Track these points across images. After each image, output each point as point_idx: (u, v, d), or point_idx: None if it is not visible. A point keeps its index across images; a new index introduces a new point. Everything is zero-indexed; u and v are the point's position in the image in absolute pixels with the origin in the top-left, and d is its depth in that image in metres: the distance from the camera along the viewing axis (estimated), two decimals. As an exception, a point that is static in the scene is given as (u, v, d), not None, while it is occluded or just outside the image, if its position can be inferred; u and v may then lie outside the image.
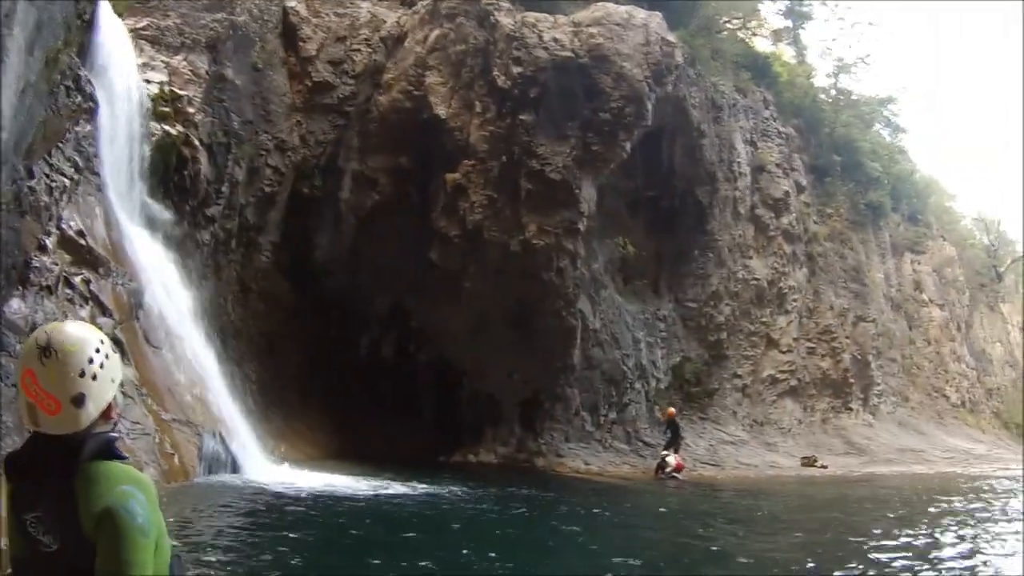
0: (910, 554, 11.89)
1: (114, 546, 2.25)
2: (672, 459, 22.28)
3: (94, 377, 2.36)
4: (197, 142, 17.41)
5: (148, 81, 16.73)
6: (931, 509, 18.09)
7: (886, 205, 42.11)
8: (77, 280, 12.44)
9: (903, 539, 13.46)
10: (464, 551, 10.39)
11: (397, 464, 17.43)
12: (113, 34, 15.66)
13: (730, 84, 31.82)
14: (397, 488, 15.08)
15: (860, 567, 11.08)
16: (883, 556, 11.71)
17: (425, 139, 21.52)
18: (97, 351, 2.40)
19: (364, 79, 21.85)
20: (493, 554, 10.36)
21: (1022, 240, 65.35)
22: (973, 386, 50.76)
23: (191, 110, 17.37)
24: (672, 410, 24.27)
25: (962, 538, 13.96)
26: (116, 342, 10.36)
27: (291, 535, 10.07)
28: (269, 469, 15.20)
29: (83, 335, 2.42)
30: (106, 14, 15.32)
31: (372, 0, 23.25)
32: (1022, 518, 16.00)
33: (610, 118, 21.79)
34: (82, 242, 12.98)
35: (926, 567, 11.03)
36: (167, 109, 16.86)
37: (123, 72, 15.68)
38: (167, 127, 16.72)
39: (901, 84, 56.49)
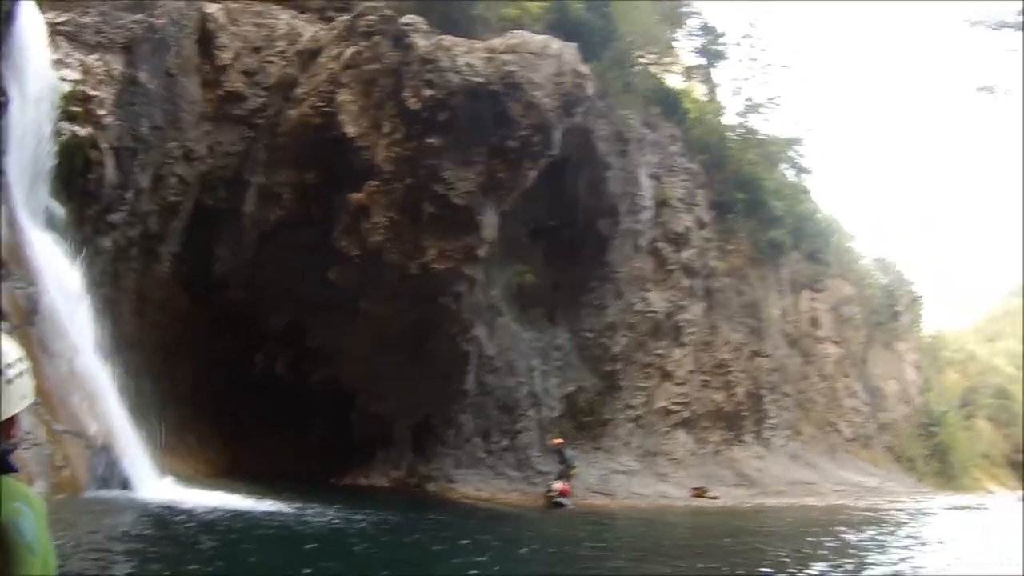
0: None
1: (1, 563, 2.25)
2: (557, 484, 23.02)
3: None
4: (105, 145, 17.32)
5: (62, 79, 16.63)
6: (823, 540, 18.90)
7: (787, 243, 44.25)
8: (-29, 281, 12.13)
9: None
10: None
11: (287, 484, 17.50)
12: (32, 27, 15.68)
13: (639, 118, 33.03)
14: (284, 510, 15.20)
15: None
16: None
17: (332, 157, 21.77)
18: (9, 365, 2.49)
19: (276, 92, 22.12)
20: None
21: (918, 282, 69.10)
22: (867, 421, 53.48)
23: (102, 112, 17.26)
24: (557, 440, 24.91)
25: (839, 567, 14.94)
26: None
27: (169, 555, 10.18)
28: (159, 486, 15.27)
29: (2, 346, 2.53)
30: (28, 7, 15.40)
31: (291, 12, 23.51)
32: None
33: (517, 146, 22.25)
34: (-21, 242, 12.72)
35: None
36: (78, 109, 16.76)
37: (38, 67, 15.72)
38: (76, 128, 16.63)
39: (808, 125, 59.07)
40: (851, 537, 19.63)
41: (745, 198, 40.86)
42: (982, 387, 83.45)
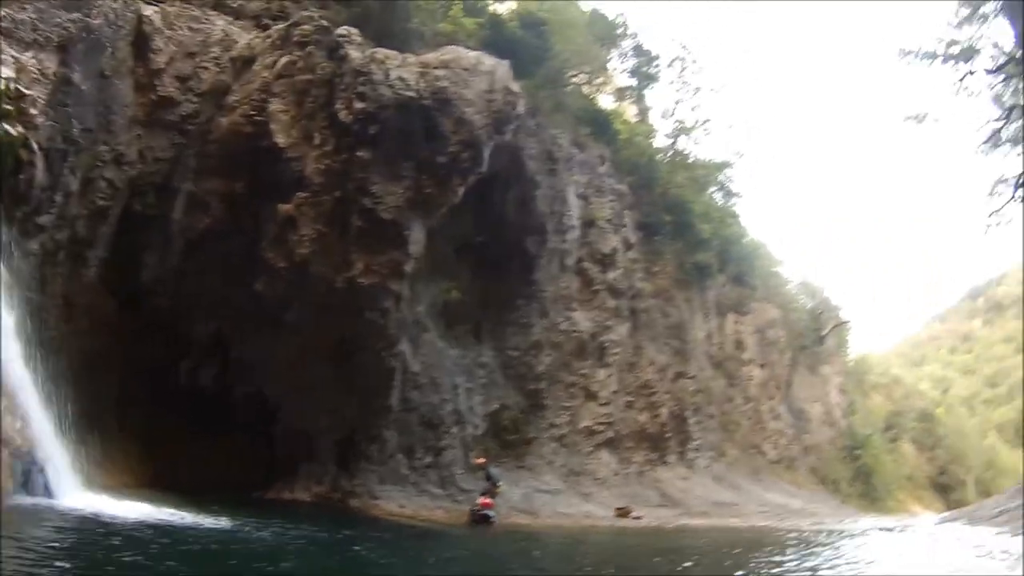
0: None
1: None
2: (480, 499, 23.09)
3: None
4: (36, 146, 16.97)
5: (-4, 76, 16.28)
6: (747, 560, 18.91)
7: (713, 266, 45.41)
8: None
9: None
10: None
11: (210, 497, 17.29)
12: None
13: (569, 137, 33.68)
14: (207, 523, 15.05)
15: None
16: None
17: (262, 166, 21.76)
18: None
19: (208, 98, 21.96)
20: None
21: (843, 306, 71.21)
22: (791, 443, 54.93)
23: (34, 111, 16.88)
24: (480, 459, 25.09)
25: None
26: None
27: (88, 566, 9.95)
28: (81, 495, 15.09)
29: None
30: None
31: (228, 18, 23.39)
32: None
33: (446, 162, 22.51)
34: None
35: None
36: (10, 107, 16.39)
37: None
38: (7, 126, 16.24)
39: (738, 150, 60.67)
40: (776, 557, 20.13)
41: (672, 220, 41.82)
42: (907, 410, 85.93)
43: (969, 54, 35.11)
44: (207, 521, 15.24)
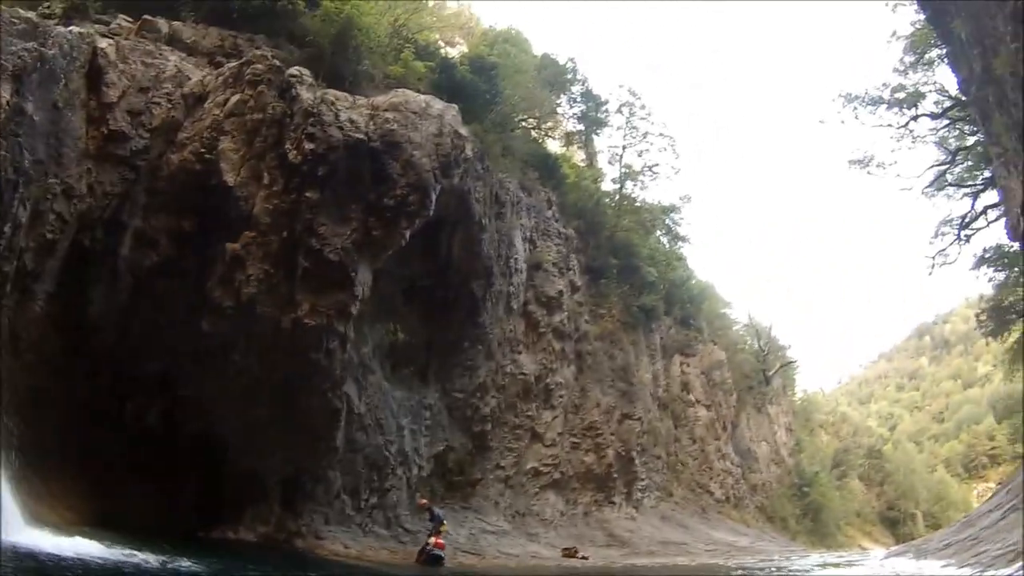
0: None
1: None
2: (432, 539, 23.13)
3: None
4: None
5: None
6: None
7: (659, 308, 46.49)
8: None
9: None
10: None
11: (156, 536, 17.19)
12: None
13: (516, 181, 34.40)
14: (149, 562, 15.11)
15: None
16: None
17: (211, 204, 21.62)
18: None
19: (159, 134, 21.92)
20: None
21: (790, 346, 72.88)
22: (738, 482, 56.03)
23: None
24: (423, 500, 25.29)
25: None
26: None
27: None
28: (25, 532, 14.97)
29: None
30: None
31: (181, 54, 23.56)
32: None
33: (394, 204, 22.68)
34: None
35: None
36: None
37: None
38: None
39: (685, 194, 62.21)
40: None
41: (619, 263, 42.94)
42: (854, 447, 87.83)
43: (914, 99, 36.80)
44: (147, 558, 15.30)
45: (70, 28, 20.79)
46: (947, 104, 36.50)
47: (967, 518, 32.45)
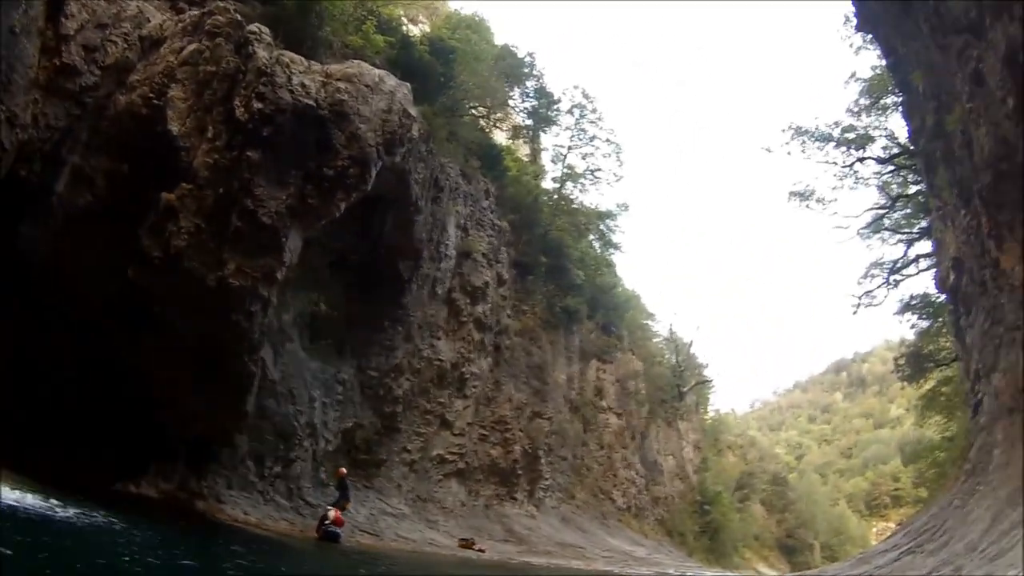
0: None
1: None
2: (332, 512, 23.58)
3: None
4: None
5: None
6: None
7: (582, 312, 47.45)
8: None
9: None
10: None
11: (62, 486, 17.08)
12: None
13: (458, 168, 35.03)
14: (38, 507, 15.08)
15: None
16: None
17: (152, 151, 21.31)
18: None
19: (111, 73, 21.74)
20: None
21: (707, 365, 74.64)
22: (640, 492, 57.41)
23: None
24: (343, 470, 25.75)
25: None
26: None
27: None
28: None
29: None
30: None
31: None
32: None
33: (333, 175, 22.75)
34: None
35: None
36: None
37: None
38: None
39: (623, 203, 63.26)
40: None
41: (548, 262, 43.83)
42: (760, 472, 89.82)
43: (863, 141, 38.03)
44: (37, 503, 15.29)
45: (36, -47, 20.47)
46: (895, 151, 37.75)
47: (863, 554, 33.79)
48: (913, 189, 37.86)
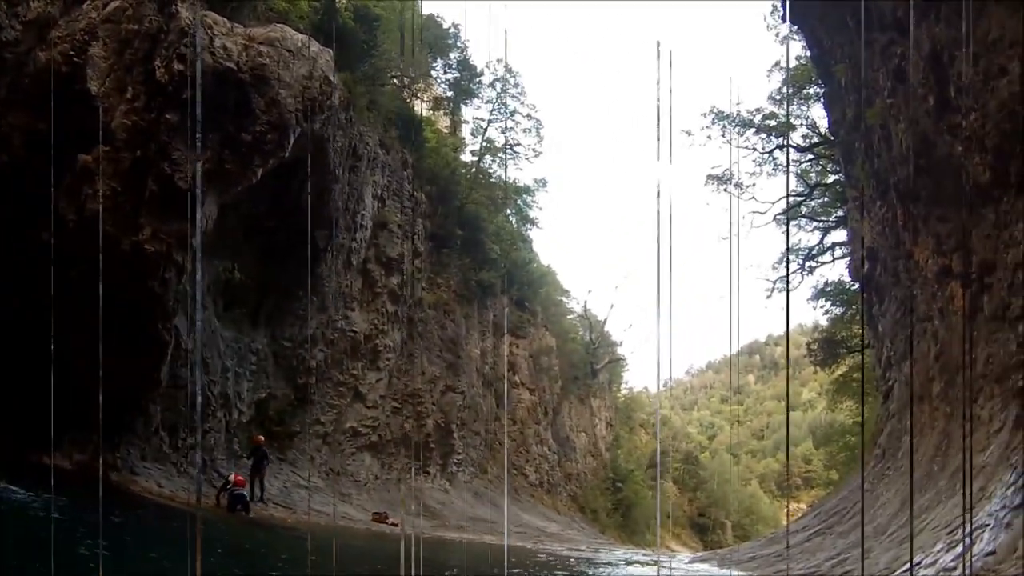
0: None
1: None
2: (232, 475, 23.89)
3: None
4: None
5: None
6: None
7: (497, 286, 48.44)
8: None
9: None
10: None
11: None
12: None
13: (377, 137, 35.48)
14: None
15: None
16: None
17: (71, 110, 20.84)
18: None
19: (32, 29, 21.48)
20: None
21: (620, 343, 76.25)
22: (553, 469, 58.99)
23: None
24: (260, 437, 26.17)
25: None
26: None
27: None
28: None
29: None
30: None
31: None
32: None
33: (251, 140, 22.76)
34: None
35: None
36: None
37: None
38: None
39: (541, 178, 64.30)
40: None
41: (463, 236, 44.69)
42: (672, 451, 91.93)
43: (784, 129, 39.51)
44: None
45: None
46: (815, 140, 39.44)
47: (774, 534, 35.54)
48: (831, 179, 39.70)
